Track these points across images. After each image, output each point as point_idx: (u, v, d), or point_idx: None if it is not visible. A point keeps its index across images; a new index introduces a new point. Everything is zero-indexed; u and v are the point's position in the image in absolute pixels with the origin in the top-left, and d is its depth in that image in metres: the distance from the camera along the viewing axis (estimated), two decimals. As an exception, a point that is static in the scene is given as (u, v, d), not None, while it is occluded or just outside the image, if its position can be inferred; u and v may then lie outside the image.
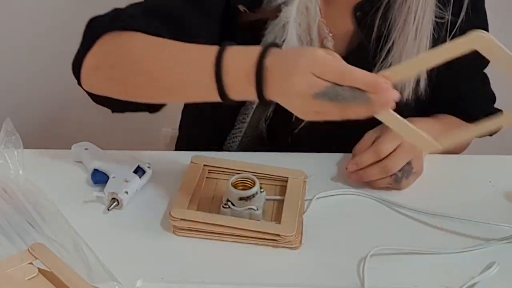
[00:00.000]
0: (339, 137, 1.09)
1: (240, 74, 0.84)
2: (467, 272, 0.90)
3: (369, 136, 1.07)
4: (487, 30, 1.18)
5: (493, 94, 1.27)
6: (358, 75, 0.78)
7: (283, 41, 1.05)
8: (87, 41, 1.01)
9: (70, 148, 1.11)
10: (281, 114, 1.11)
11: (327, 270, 0.91)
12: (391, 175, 1.03)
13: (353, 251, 0.93)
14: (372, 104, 0.78)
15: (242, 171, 1.02)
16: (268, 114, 1.16)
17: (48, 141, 1.53)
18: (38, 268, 0.80)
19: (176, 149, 1.38)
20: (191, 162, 1.07)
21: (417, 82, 1.11)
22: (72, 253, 0.89)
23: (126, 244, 0.95)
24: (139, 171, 1.04)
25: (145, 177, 1.04)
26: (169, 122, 1.41)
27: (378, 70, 1.03)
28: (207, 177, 1.06)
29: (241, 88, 0.85)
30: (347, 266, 0.91)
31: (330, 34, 1.11)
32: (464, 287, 0.88)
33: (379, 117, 0.82)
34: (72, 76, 1.23)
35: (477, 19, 1.14)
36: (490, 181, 1.09)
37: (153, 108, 1.03)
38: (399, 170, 1.03)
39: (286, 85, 0.81)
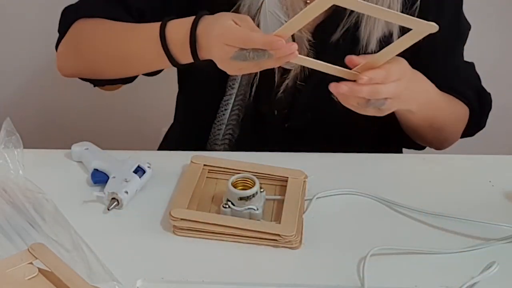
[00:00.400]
0: (322, 106, 1.14)
1: (181, 42, 1.03)
2: (467, 272, 0.90)
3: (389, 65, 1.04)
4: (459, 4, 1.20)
5: (479, 76, 1.27)
6: (255, 39, 0.95)
7: (261, 3, 1.08)
8: (61, 30, 1.18)
9: (70, 148, 1.11)
10: (265, 78, 1.15)
11: (327, 270, 0.91)
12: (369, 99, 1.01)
13: (353, 251, 0.93)
14: (274, 58, 0.95)
15: (242, 171, 1.02)
16: (254, 79, 1.17)
17: (48, 141, 1.53)
18: (38, 268, 0.80)
19: (165, 141, 1.38)
20: (191, 162, 1.07)
21: (390, 35, 1.12)
22: (72, 253, 0.89)
23: (126, 244, 0.95)
24: (139, 171, 1.04)
25: (145, 177, 1.04)
26: (169, 122, 1.41)
27: (344, 26, 1.12)
28: (207, 177, 1.06)
29: (184, 53, 1.03)
30: (347, 266, 0.91)
31: (308, 1, 1.13)
32: (464, 287, 0.88)
33: (295, 61, 1.00)
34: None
35: None
36: (490, 181, 1.09)
37: (126, 79, 1.19)
38: (377, 99, 1.02)
39: (210, 52, 1.01)
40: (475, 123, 1.26)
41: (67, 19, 1.17)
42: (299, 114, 1.20)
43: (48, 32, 1.85)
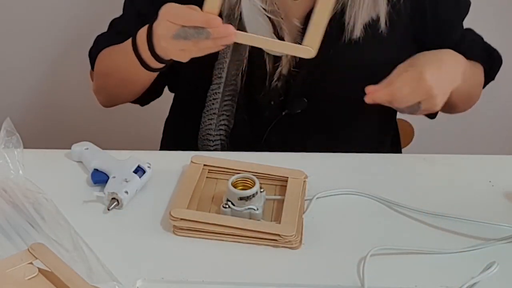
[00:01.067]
0: (318, 90, 1.18)
1: (143, 43, 1.08)
2: (467, 272, 0.90)
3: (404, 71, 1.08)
4: None
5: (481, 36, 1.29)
6: (194, 17, 0.99)
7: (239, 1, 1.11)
8: (92, 69, 1.28)
9: (70, 148, 1.11)
10: (255, 68, 1.17)
11: (327, 270, 0.91)
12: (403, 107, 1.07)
13: (353, 251, 0.93)
14: (213, 37, 0.99)
15: (242, 171, 1.02)
16: (243, 69, 1.18)
17: (48, 141, 1.52)
18: (38, 268, 0.80)
19: (163, 137, 1.39)
20: (191, 162, 1.07)
21: (377, 19, 1.14)
22: (72, 253, 0.89)
23: (126, 244, 0.95)
24: (139, 171, 1.04)
25: (145, 177, 1.04)
26: (169, 122, 1.41)
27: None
28: (207, 177, 1.06)
29: (148, 54, 1.08)
30: (347, 266, 0.91)
31: None
32: (464, 287, 0.88)
33: (239, 41, 1.03)
34: (72, 77, 1.24)
35: None
36: (490, 181, 1.09)
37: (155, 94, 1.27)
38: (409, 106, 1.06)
39: (154, 32, 1.05)
40: (488, 78, 1.28)
41: (91, 58, 1.27)
42: (295, 101, 1.20)
43: (49, 32, 1.85)
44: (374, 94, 1.05)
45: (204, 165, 1.06)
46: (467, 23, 1.27)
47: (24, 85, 1.93)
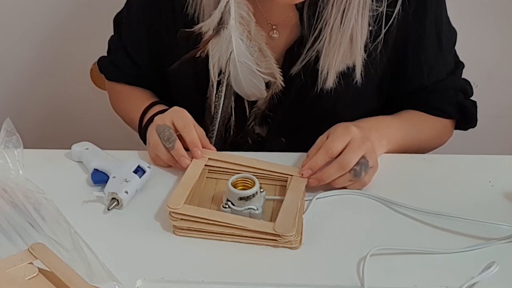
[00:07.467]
0: (294, 132, 1.19)
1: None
2: (467, 272, 0.90)
3: (320, 139, 1.07)
4: (439, 23, 1.17)
5: (464, 85, 1.25)
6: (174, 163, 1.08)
7: (230, 52, 1.12)
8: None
9: (70, 148, 1.11)
10: (238, 115, 1.20)
11: (327, 270, 0.91)
12: (349, 171, 1.02)
13: (353, 251, 0.93)
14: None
15: (243, 169, 1.02)
16: (229, 121, 1.21)
17: (48, 141, 1.52)
18: (38, 268, 0.80)
19: None
20: (192, 161, 1.07)
21: (353, 69, 1.12)
22: (72, 253, 0.89)
23: (126, 244, 0.95)
24: (139, 171, 1.04)
25: (145, 177, 1.05)
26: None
27: (304, 59, 1.13)
28: (207, 177, 1.06)
29: None
30: (347, 266, 0.91)
31: (274, 26, 1.16)
32: (464, 287, 0.88)
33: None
34: (72, 76, 1.23)
35: (423, 10, 1.15)
36: (489, 181, 1.09)
37: None
38: (356, 164, 1.02)
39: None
40: (463, 128, 1.28)
41: (101, 67, 1.33)
42: (273, 140, 1.22)
43: (49, 32, 1.85)
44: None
45: (204, 165, 1.06)
46: (466, 24, 1.27)
47: (24, 85, 1.93)
